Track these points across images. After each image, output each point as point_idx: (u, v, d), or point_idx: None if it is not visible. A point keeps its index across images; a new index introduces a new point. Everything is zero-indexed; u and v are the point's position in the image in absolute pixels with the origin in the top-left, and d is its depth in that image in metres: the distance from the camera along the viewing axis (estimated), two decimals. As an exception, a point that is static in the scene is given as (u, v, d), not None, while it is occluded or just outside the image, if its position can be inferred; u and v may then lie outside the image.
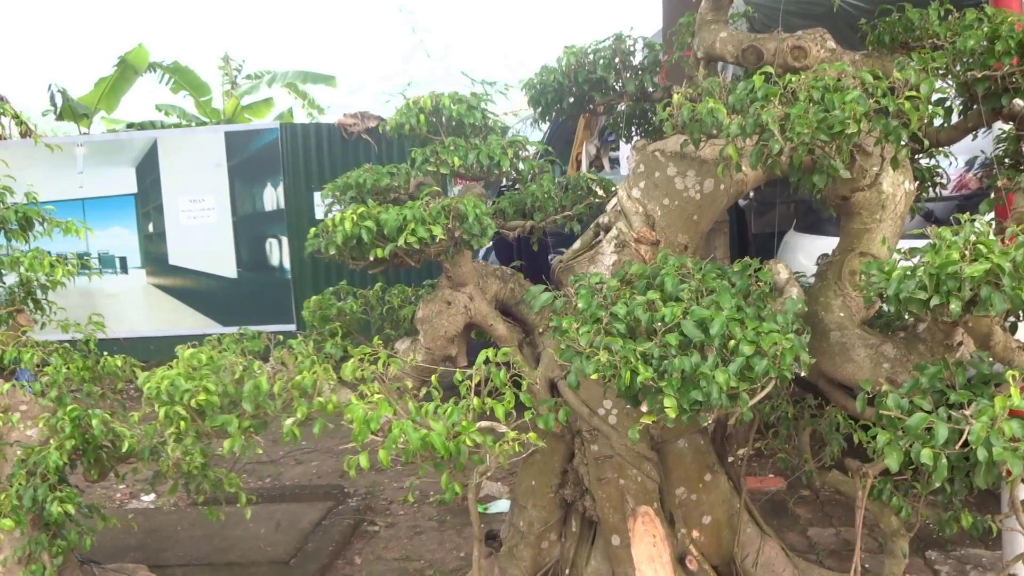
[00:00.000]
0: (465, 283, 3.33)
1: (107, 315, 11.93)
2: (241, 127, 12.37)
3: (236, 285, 10.59)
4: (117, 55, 12.37)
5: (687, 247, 3.32)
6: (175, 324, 11.29)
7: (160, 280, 11.24)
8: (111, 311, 11.12)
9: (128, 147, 10.78)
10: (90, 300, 11.04)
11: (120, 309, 11.03)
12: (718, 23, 3.55)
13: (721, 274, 2.74)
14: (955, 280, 2.10)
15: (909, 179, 3.13)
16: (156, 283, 11.29)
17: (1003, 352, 2.58)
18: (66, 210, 11.06)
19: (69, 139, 11.38)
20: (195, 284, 11.05)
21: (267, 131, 10.78)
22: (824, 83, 2.47)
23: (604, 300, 2.68)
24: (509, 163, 3.14)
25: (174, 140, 10.78)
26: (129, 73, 12.67)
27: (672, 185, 3.27)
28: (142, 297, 11.11)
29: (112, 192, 10.97)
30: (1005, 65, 2.75)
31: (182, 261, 11.16)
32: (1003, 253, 2.10)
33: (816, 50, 3.36)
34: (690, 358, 2.36)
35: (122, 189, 10.99)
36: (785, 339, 2.32)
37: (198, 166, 10.72)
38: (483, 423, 2.56)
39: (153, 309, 11.03)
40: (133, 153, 10.77)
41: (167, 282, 11.01)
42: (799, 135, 2.36)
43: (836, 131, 2.34)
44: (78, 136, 11.84)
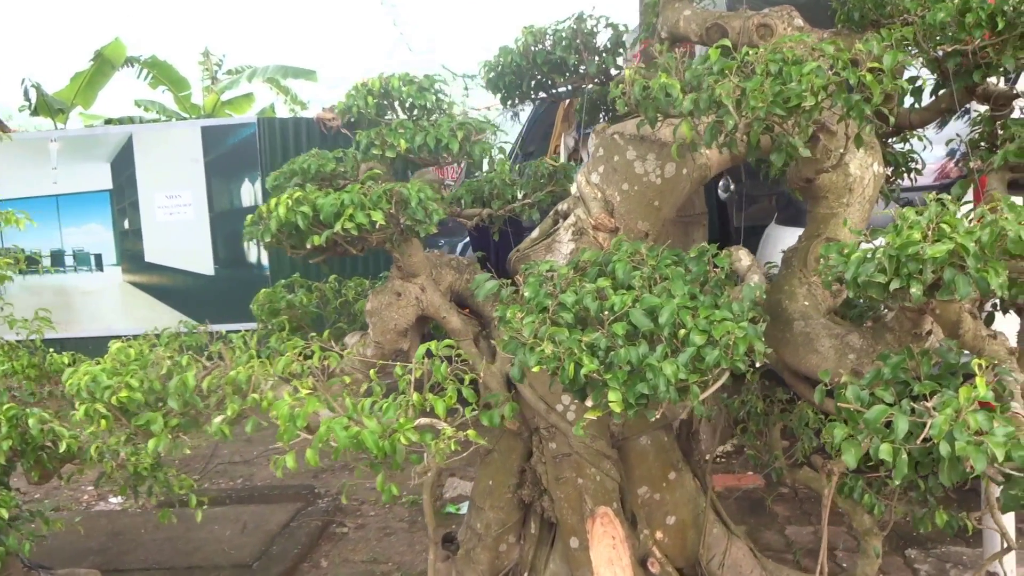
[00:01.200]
0: (416, 273, 3.17)
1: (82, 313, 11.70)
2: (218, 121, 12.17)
3: (213, 282, 10.40)
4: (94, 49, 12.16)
5: (648, 234, 3.17)
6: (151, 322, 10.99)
7: (136, 277, 11.04)
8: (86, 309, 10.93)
9: (103, 142, 10.58)
10: (65, 298, 10.85)
11: (95, 307, 10.83)
12: (682, 1, 3.40)
13: (677, 261, 2.59)
14: (916, 262, 1.96)
15: (878, 161, 2.98)
16: (132, 280, 11.09)
17: (973, 341, 2.44)
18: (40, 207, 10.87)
19: (42, 134, 11.18)
20: (172, 281, 10.86)
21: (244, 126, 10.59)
22: (782, 55, 2.31)
23: (553, 289, 2.53)
24: (459, 146, 2.98)
25: (150, 135, 10.57)
26: (106, 68, 12.47)
27: (631, 169, 3.12)
28: (118, 295, 10.91)
29: (87, 188, 10.77)
30: (976, 39, 2.60)
31: (158, 258, 10.96)
32: (968, 233, 1.95)
33: (783, 27, 3.22)
34: (637, 349, 2.20)
35: (97, 185, 10.80)
36: (738, 328, 2.17)
37: (174, 161, 10.52)
38: (422, 420, 2.40)
39: (129, 307, 10.84)
40: (108, 148, 10.57)
41: (143, 279, 10.81)
42: (754, 110, 2.21)
43: (793, 105, 2.19)
44: (52, 131, 11.64)
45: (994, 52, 2.62)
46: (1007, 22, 2.56)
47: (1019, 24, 2.55)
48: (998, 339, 2.49)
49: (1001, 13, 2.56)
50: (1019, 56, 2.60)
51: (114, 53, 12.25)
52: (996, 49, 2.63)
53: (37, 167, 10.67)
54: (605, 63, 3.50)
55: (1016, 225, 1.92)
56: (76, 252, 11.33)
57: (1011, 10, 2.53)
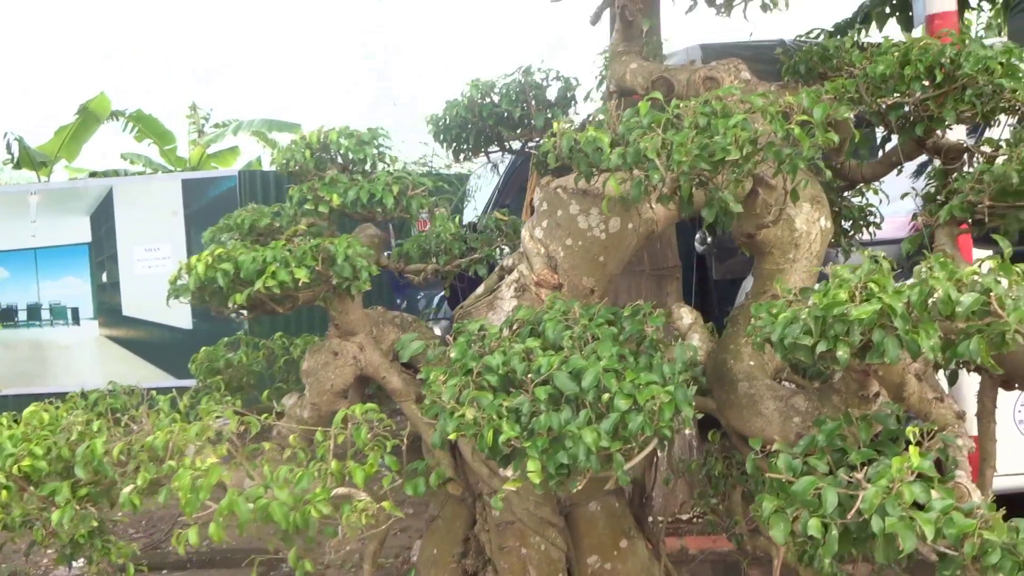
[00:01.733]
0: (355, 332, 3.06)
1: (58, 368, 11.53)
2: (199, 174, 12.17)
3: (191, 336, 10.27)
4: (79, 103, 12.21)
5: (593, 290, 3.07)
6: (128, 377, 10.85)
7: (113, 331, 10.90)
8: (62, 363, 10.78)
9: (83, 195, 10.55)
10: (40, 352, 10.71)
11: (71, 361, 10.68)
12: (630, 54, 3.36)
13: (612, 320, 2.48)
14: (843, 323, 1.85)
15: (826, 216, 2.90)
16: (109, 334, 10.95)
17: (918, 404, 2.32)
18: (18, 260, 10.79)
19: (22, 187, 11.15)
20: (149, 335, 10.72)
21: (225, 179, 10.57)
22: (711, 108, 2.24)
23: (482, 349, 2.42)
24: (395, 201, 2.90)
25: (130, 188, 10.55)
26: (91, 121, 12.51)
27: (575, 224, 3.03)
28: (94, 349, 10.77)
29: (65, 241, 10.70)
30: (916, 91, 2.54)
31: (136, 312, 10.84)
32: (896, 292, 1.85)
33: (729, 80, 3.17)
34: (560, 414, 2.09)
35: (76, 238, 10.73)
36: (664, 392, 2.06)
37: (154, 214, 10.47)
38: (340, 490, 2.27)
39: (105, 361, 10.68)
40: (88, 201, 10.53)
41: (120, 333, 10.67)
42: (679, 164, 2.13)
43: (718, 159, 2.11)
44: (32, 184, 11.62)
45: (935, 105, 2.56)
46: (945, 75, 2.50)
47: (958, 77, 2.49)
48: (945, 402, 2.37)
49: (939, 66, 2.50)
50: (960, 109, 2.54)
51: (99, 107, 12.30)
52: (937, 102, 2.56)
53: (16, 220, 10.61)
54: (555, 115, 3.44)
55: (945, 284, 1.82)
56: (53, 306, 11.21)
57: (949, 63, 2.48)
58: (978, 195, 2.52)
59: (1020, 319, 1.78)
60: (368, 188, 2.85)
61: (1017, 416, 4.64)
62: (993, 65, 2.45)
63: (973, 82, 2.50)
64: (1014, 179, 2.39)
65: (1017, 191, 2.46)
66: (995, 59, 2.49)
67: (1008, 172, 2.41)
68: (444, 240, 3.39)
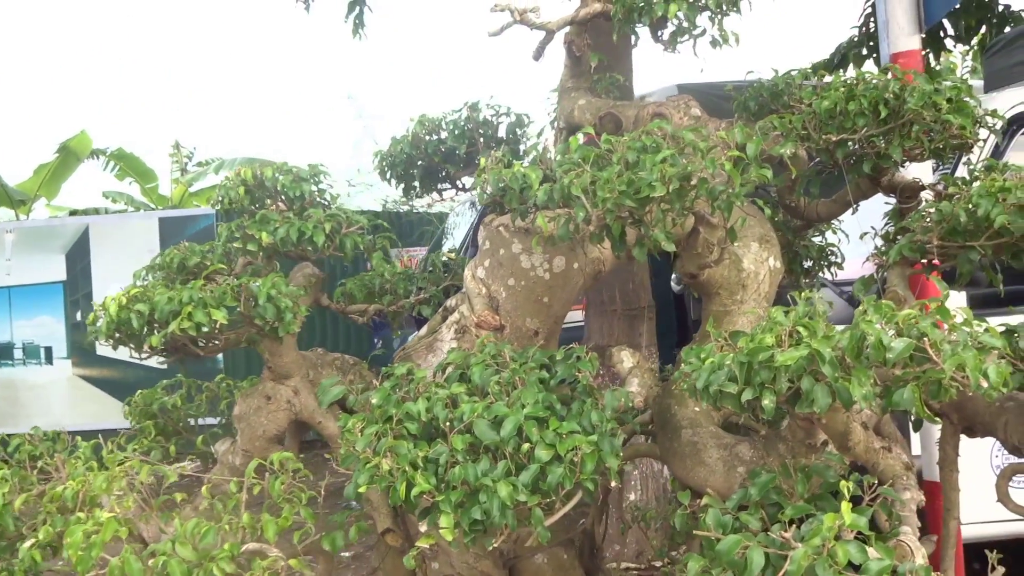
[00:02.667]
0: (289, 375, 2.93)
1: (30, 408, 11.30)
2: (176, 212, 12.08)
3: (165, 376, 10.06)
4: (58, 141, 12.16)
5: (537, 332, 2.95)
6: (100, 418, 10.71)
7: (86, 371, 10.72)
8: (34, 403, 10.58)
9: (59, 233, 10.44)
10: (12, 392, 10.53)
11: (44, 401, 10.50)
12: (579, 90, 3.28)
13: (548, 363, 2.36)
14: (769, 370, 1.74)
15: (775, 255, 2.80)
16: (82, 374, 10.76)
17: (865, 454, 2.20)
18: (-8, 298, 10.64)
19: (-3, 225, 11.04)
20: (123, 375, 10.54)
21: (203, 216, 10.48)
22: (641, 144, 2.15)
23: (408, 395, 2.29)
24: (326, 239, 2.79)
25: (106, 226, 10.45)
26: (71, 160, 12.45)
27: (517, 263, 2.92)
28: (67, 389, 10.59)
29: (40, 280, 10.57)
30: (860, 127, 2.46)
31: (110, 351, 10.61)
32: (825, 338, 1.73)
33: (679, 117, 3.09)
34: (477, 465, 1.96)
35: (50, 277, 10.60)
36: (587, 442, 1.93)
37: (131, 252, 10.33)
38: (251, 545, 2.13)
39: (78, 401, 10.51)
40: (63, 240, 10.43)
41: (93, 373, 10.49)
42: (604, 201, 2.03)
43: (643, 195, 2.01)
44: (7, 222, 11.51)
45: (881, 141, 2.48)
46: (890, 111, 2.42)
47: (903, 113, 2.41)
48: (894, 452, 2.25)
49: (883, 102, 2.42)
50: (906, 145, 2.45)
51: (79, 145, 12.25)
52: (884, 139, 2.48)
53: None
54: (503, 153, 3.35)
55: (876, 329, 1.71)
56: (26, 344, 11.03)
57: (893, 99, 2.40)
58: (926, 234, 2.42)
59: (957, 366, 1.67)
60: (299, 226, 2.75)
61: (994, 461, 4.51)
62: (939, 100, 2.37)
63: (920, 118, 2.41)
64: (962, 218, 2.29)
65: (967, 231, 2.37)
66: (942, 95, 2.41)
67: (956, 211, 2.31)
68: (389, 279, 3.28)
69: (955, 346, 1.72)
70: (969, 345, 1.72)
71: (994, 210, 2.24)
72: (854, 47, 8.57)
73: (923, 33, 3.86)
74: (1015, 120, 4.63)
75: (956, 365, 1.67)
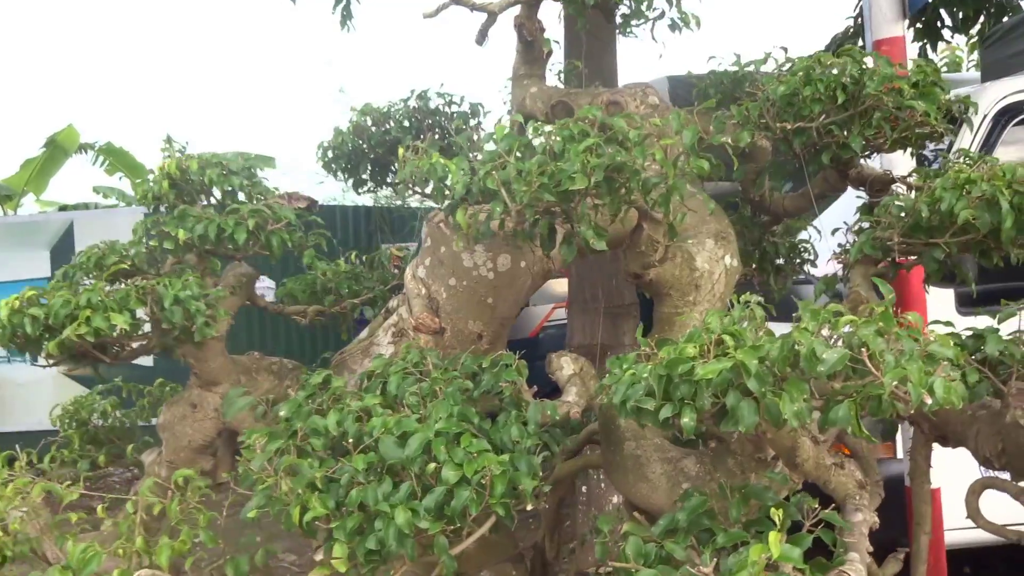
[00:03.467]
0: (217, 381, 2.76)
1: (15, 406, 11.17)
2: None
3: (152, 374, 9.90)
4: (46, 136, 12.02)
5: (481, 335, 2.77)
6: (85, 416, 10.50)
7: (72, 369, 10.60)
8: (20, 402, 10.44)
9: (43, 229, 10.29)
10: (-2, 390, 10.41)
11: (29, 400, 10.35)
12: (531, 78, 3.09)
13: (474, 372, 2.18)
14: (689, 385, 1.55)
15: (732, 253, 2.60)
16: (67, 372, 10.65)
17: (815, 470, 2.01)
18: (-25, 295, 10.49)
19: (-20, 221, 10.90)
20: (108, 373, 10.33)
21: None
22: (569, 132, 1.96)
23: (321, 407, 2.11)
24: (249, 236, 2.61)
25: (92, 221, 10.27)
26: (58, 154, 12.30)
27: (459, 262, 2.74)
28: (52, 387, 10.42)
29: (24, 276, 10.40)
30: (816, 114, 2.26)
31: (96, 348, 10.43)
32: (752, 348, 1.54)
33: (635, 106, 2.89)
34: (379, 487, 1.77)
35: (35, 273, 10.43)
36: (497, 462, 1.74)
37: (117, 247, 10.12)
38: (143, 572, 1.95)
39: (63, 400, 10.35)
40: (48, 235, 10.27)
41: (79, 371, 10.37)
42: (523, 195, 1.84)
43: (563, 188, 1.82)
44: (-9, 218, 11.39)
45: (839, 129, 2.28)
46: (848, 96, 2.22)
47: (862, 98, 2.21)
48: (846, 468, 2.06)
49: (840, 86, 2.22)
50: (867, 134, 2.25)
51: (67, 139, 12.10)
52: (842, 127, 2.28)
53: (-26, 254, 10.35)
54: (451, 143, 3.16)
55: (809, 338, 1.52)
56: (9, 343, 10.91)
57: (851, 83, 2.20)
58: (887, 231, 2.22)
59: (899, 380, 1.47)
60: (218, 222, 2.57)
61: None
62: (902, 85, 2.16)
63: (880, 104, 2.21)
64: (924, 213, 2.10)
65: (932, 227, 2.17)
66: (906, 79, 2.21)
67: (918, 206, 2.11)
68: (331, 279, 3.10)
69: (900, 357, 1.53)
70: (916, 356, 1.53)
71: (958, 204, 2.05)
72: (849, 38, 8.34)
73: (907, 20, 3.67)
74: (1006, 111, 4.42)
75: (898, 379, 1.48)
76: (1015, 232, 2.06)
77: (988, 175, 2.02)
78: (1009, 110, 4.42)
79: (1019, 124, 4.48)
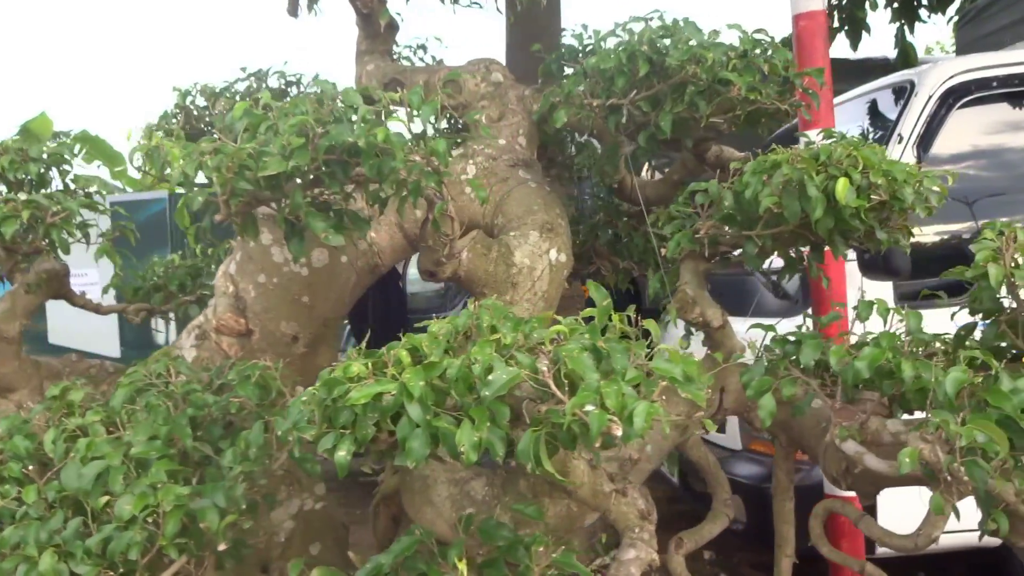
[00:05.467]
0: (12, 387, 2.54)
1: (-18, 397, 10.93)
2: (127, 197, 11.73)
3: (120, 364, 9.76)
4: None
5: (297, 338, 2.51)
6: (52, 407, 10.37)
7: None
8: (-13, 392, 10.32)
9: (9, 219, 10.16)
10: (-37, 382, 10.29)
11: (-4, 390, 10.25)
12: (372, 54, 2.83)
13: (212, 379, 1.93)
14: (351, 411, 1.29)
15: (560, 247, 2.33)
16: (36, 363, 10.52)
17: (592, 498, 1.75)
18: (-60, 286, 10.38)
19: (-58, 211, 10.76)
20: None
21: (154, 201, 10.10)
22: (299, 109, 1.69)
23: (49, 423, 1.87)
24: (20, 228, 2.39)
25: (56, 212, 10.15)
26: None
27: (268, 257, 2.49)
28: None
29: (-9, 267, 10.29)
30: (618, 88, 1.97)
31: (62, 340, 10.32)
32: (424, 368, 1.28)
33: (474, 83, 2.63)
34: (48, 523, 1.53)
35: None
36: (173, 496, 1.49)
37: (81, 238, 9.94)
38: None
39: (30, 391, 10.23)
40: (15, 226, 10.14)
41: (46, 362, 10.24)
42: (222, 184, 1.58)
43: (270, 174, 1.56)
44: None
45: (649, 107, 1.99)
46: (651, 66, 1.93)
47: (669, 71, 1.92)
48: (629, 496, 1.79)
49: (643, 57, 1.93)
50: (677, 111, 1.96)
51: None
52: (651, 103, 1.99)
53: (-63, 246, 10.17)
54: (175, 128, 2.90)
55: (488, 354, 1.26)
56: (-22, 333, 10.82)
57: (654, 53, 1.91)
58: (704, 222, 1.94)
59: (581, 405, 1.21)
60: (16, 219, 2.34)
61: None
62: (706, 55, 1.87)
63: (692, 78, 1.93)
64: (727, 202, 1.82)
65: (747, 217, 1.88)
66: (716, 49, 1.91)
67: (722, 193, 1.83)
68: (159, 275, 2.87)
69: (605, 378, 1.26)
70: (620, 376, 1.26)
71: (763, 191, 1.76)
72: (824, 17, 7.97)
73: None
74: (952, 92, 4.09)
75: (586, 404, 1.21)
76: (832, 221, 1.78)
77: (793, 157, 1.74)
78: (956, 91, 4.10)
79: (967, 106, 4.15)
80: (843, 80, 5.34)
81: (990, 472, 1.28)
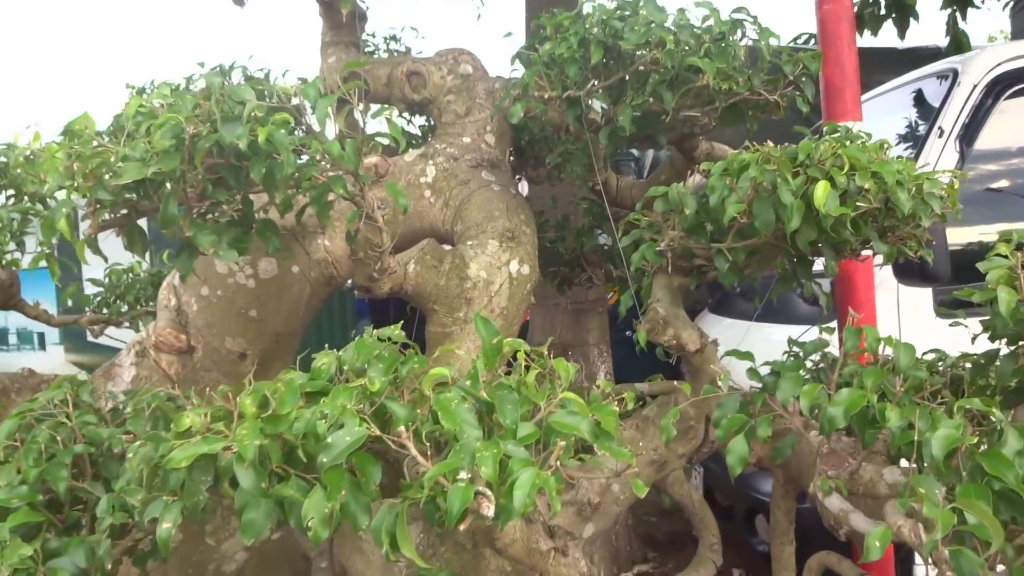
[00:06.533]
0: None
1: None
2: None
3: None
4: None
5: (245, 355, 2.31)
6: (91, 405, 10.47)
7: (79, 357, 10.56)
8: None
9: (50, 217, 10.28)
10: (7, 378, 10.45)
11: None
12: (337, 45, 2.61)
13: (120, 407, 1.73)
14: (179, 474, 1.06)
15: (523, 258, 2.08)
16: (75, 360, 10.62)
17: (526, 557, 1.50)
18: (-14, 284, 10.55)
19: (-11, 210, 10.96)
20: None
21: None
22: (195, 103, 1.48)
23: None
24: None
25: (96, 210, 10.24)
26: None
27: (212, 268, 2.29)
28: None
29: (32, 265, 10.42)
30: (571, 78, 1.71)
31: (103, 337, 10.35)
32: (254, 425, 1.05)
33: (440, 76, 2.39)
34: None
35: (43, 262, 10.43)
36: (14, 556, 1.29)
37: (116, 237, 10.05)
38: None
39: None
40: (55, 224, 10.26)
41: (86, 360, 10.31)
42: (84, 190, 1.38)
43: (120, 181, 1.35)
44: (7, 208, 11.45)
45: (604, 95, 1.72)
46: (606, 52, 1.66)
47: (626, 58, 1.65)
48: (570, 556, 1.53)
49: (596, 42, 1.66)
50: (638, 104, 1.69)
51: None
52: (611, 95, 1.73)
53: (-14, 243, 10.34)
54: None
55: (336, 407, 1.02)
56: (20, 330, 10.97)
57: (602, 33, 1.64)
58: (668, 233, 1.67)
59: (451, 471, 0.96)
60: (-90, 223, 2.19)
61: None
62: (667, 37, 1.59)
63: (653, 65, 1.65)
64: (688, 210, 1.54)
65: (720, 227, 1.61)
66: (682, 31, 1.64)
67: (683, 200, 1.56)
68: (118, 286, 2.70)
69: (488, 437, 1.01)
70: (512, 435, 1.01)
71: (729, 198, 1.49)
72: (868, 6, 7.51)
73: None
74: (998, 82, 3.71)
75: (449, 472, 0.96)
76: (815, 232, 1.49)
77: (763, 156, 1.45)
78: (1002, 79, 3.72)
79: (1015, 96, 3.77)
80: (890, 71, 4.93)
81: (980, 565, 0.99)
